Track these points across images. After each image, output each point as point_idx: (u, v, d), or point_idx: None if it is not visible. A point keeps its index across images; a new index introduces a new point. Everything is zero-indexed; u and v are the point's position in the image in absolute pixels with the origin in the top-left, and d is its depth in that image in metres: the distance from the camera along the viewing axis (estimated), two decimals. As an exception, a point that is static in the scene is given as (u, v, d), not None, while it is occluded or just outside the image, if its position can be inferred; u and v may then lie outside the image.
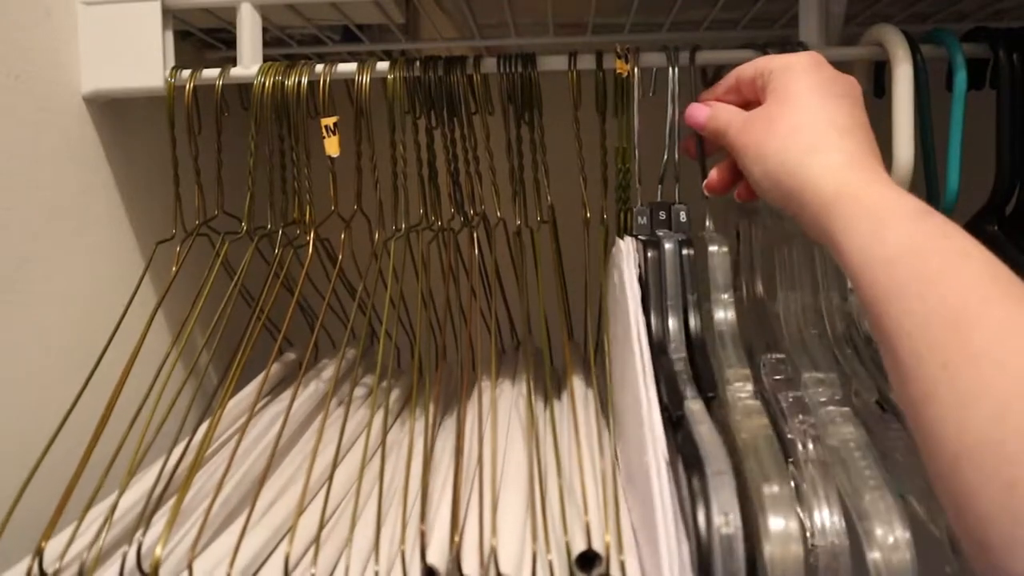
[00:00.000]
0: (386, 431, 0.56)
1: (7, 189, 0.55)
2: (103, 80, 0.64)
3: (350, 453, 0.59)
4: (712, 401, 0.48)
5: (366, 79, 0.63)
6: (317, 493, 0.52)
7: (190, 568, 0.42)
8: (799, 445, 0.45)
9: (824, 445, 0.45)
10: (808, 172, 0.44)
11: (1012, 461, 0.30)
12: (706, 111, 0.55)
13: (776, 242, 0.57)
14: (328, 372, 0.70)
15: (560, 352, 0.64)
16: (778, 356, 0.52)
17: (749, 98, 0.54)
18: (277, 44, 0.79)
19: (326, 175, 0.66)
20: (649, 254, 0.56)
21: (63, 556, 0.44)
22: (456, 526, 0.43)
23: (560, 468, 0.49)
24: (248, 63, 0.65)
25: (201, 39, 0.77)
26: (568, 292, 0.69)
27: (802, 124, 0.47)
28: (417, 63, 0.63)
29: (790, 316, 0.57)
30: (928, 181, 0.59)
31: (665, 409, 0.47)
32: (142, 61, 0.64)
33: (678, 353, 0.53)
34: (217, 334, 0.60)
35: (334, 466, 0.51)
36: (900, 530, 0.40)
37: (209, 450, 0.55)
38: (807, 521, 0.41)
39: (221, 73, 0.65)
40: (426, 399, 0.56)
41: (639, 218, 0.61)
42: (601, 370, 0.60)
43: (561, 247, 0.67)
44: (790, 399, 0.49)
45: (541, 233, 0.67)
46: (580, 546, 0.42)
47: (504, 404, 0.64)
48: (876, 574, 0.39)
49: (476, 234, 0.65)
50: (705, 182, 0.57)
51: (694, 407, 0.47)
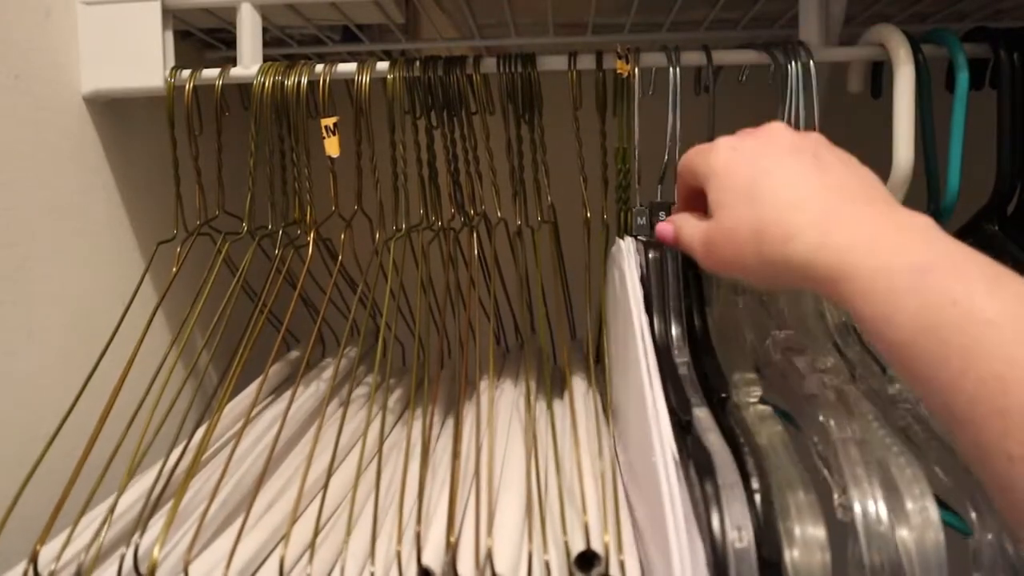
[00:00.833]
0: (385, 432, 0.56)
1: (7, 189, 0.55)
2: (103, 80, 0.64)
3: (349, 455, 0.59)
4: (724, 403, 0.48)
5: (366, 79, 0.63)
6: (315, 495, 0.52)
7: (186, 571, 0.42)
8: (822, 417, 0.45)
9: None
10: (794, 262, 0.40)
11: None
12: (671, 231, 0.51)
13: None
14: (330, 371, 0.70)
15: (561, 351, 0.64)
16: (787, 332, 0.52)
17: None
18: (277, 44, 0.79)
19: (326, 175, 0.66)
20: (651, 255, 0.56)
21: (59, 558, 0.43)
22: (452, 527, 0.43)
23: (559, 468, 0.49)
24: (248, 63, 0.65)
25: (201, 39, 0.77)
26: (569, 291, 0.69)
27: (760, 220, 0.42)
28: (417, 63, 0.63)
29: (791, 307, 0.56)
30: (929, 181, 0.59)
31: (673, 412, 0.46)
32: (142, 61, 0.64)
33: (682, 356, 0.52)
34: (218, 334, 0.60)
35: (331, 468, 0.51)
36: (929, 502, 0.40)
37: (208, 452, 0.55)
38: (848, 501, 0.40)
39: (221, 73, 0.65)
40: (426, 399, 0.56)
41: (638, 218, 0.60)
42: (602, 370, 0.59)
43: (562, 247, 0.67)
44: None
45: (541, 233, 0.67)
46: (579, 546, 0.42)
47: (505, 404, 0.64)
48: (905, 553, 0.39)
49: (477, 234, 0.65)
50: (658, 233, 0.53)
51: (700, 414, 0.46)
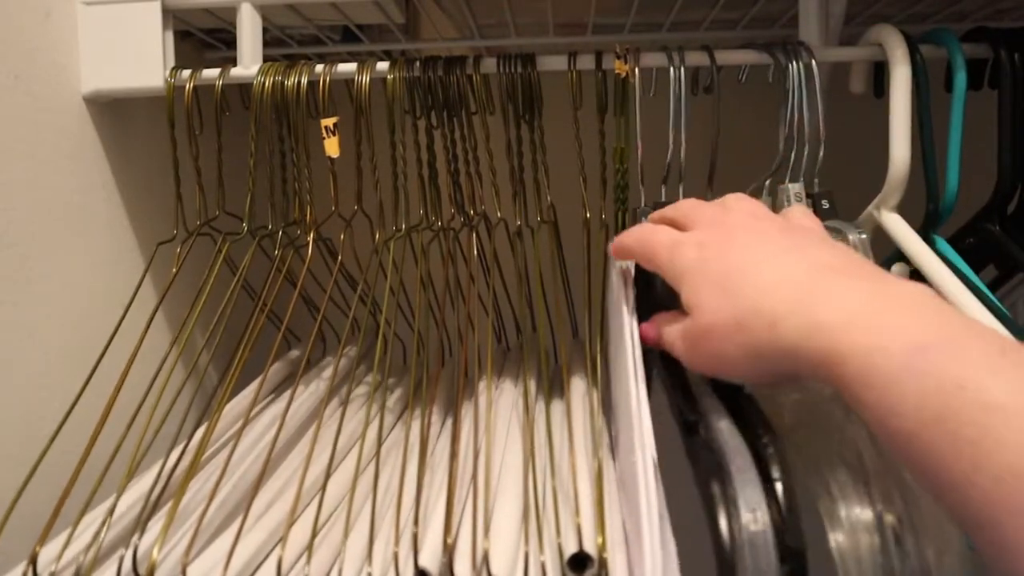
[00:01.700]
0: (382, 432, 0.56)
1: (7, 189, 0.56)
2: (103, 80, 0.64)
3: (347, 455, 0.59)
4: (738, 391, 0.47)
5: (366, 79, 0.63)
6: (313, 497, 0.52)
7: (184, 572, 0.42)
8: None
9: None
10: (783, 349, 0.37)
11: None
12: (653, 332, 0.48)
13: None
14: (330, 371, 0.70)
15: (561, 351, 0.64)
16: None
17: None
18: (277, 44, 0.79)
19: (326, 175, 0.66)
20: None
21: (59, 559, 0.44)
22: (450, 529, 0.43)
23: (555, 469, 0.49)
24: (248, 63, 0.65)
25: (201, 39, 0.78)
26: (570, 291, 0.69)
27: (740, 310, 0.40)
28: (417, 63, 0.63)
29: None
30: (928, 182, 0.59)
31: (679, 412, 0.46)
32: (142, 61, 0.64)
33: None
34: (218, 334, 0.60)
35: (329, 469, 0.51)
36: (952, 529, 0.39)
37: (208, 452, 0.55)
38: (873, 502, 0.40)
39: (221, 73, 0.65)
40: (425, 399, 0.56)
41: (643, 218, 0.60)
42: (601, 369, 0.59)
43: (562, 247, 0.67)
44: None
45: (541, 233, 0.67)
46: (572, 548, 0.42)
47: (505, 404, 0.64)
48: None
49: (476, 234, 0.65)
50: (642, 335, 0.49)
51: (711, 404, 0.46)
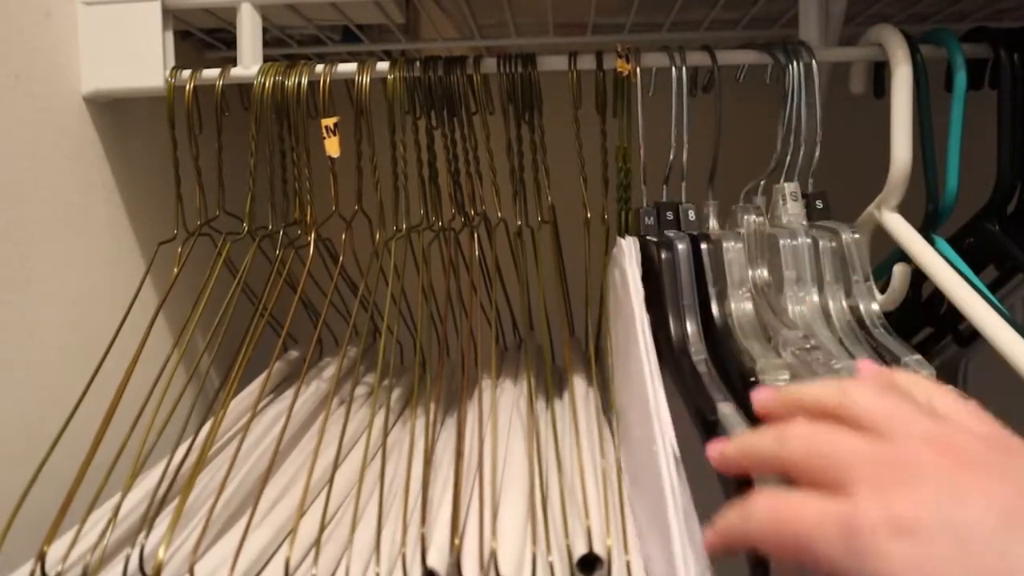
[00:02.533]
0: (387, 431, 0.56)
1: (7, 189, 0.55)
2: (103, 80, 0.64)
3: (351, 453, 0.59)
4: (748, 391, 0.47)
5: (366, 79, 0.63)
6: (318, 494, 0.52)
7: (192, 571, 0.42)
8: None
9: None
10: None
11: None
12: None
13: (780, 236, 0.57)
14: (331, 370, 0.70)
15: (562, 351, 0.64)
16: (796, 332, 0.51)
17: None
18: (277, 44, 0.79)
19: (327, 175, 0.66)
20: (663, 255, 0.55)
21: (66, 558, 0.44)
22: (456, 529, 0.43)
23: (561, 469, 0.49)
24: (248, 63, 0.65)
25: (201, 39, 0.77)
26: (569, 291, 0.69)
27: None
28: (417, 63, 0.63)
29: (796, 308, 0.56)
30: (928, 182, 0.59)
31: (699, 413, 0.46)
32: (142, 61, 0.64)
33: (699, 355, 0.52)
34: (219, 334, 0.60)
35: (335, 467, 0.51)
36: None
37: (212, 450, 0.55)
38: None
39: (221, 73, 0.65)
40: (427, 398, 0.56)
41: (646, 218, 0.60)
42: (602, 370, 0.59)
43: (562, 247, 0.67)
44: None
45: (542, 233, 0.67)
46: (581, 549, 0.42)
47: (505, 403, 0.64)
48: None
49: (477, 234, 0.65)
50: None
51: (726, 410, 0.46)
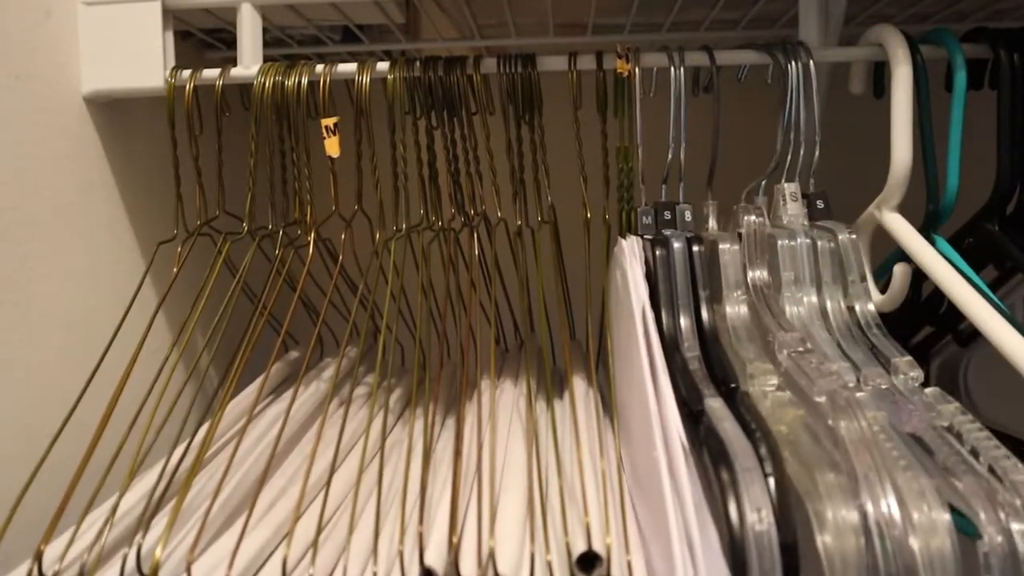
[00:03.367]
0: (386, 432, 0.56)
1: (7, 189, 0.55)
2: (103, 80, 0.64)
3: (350, 455, 0.59)
4: (734, 393, 0.47)
5: (366, 79, 0.63)
6: (316, 495, 0.52)
7: (189, 571, 0.42)
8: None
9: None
10: None
11: None
12: None
13: (776, 237, 0.57)
14: (330, 371, 0.70)
15: (561, 351, 0.64)
16: (793, 333, 0.51)
17: None
18: (277, 44, 0.79)
19: (327, 175, 0.66)
20: (658, 252, 0.56)
21: (63, 558, 0.44)
22: (454, 528, 0.43)
23: (560, 469, 0.49)
24: (248, 63, 0.65)
25: (201, 39, 0.77)
26: (569, 292, 0.69)
27: None
28: (417, 63, 0.63)
29: (794, 310, 0.56)
30: (928, 182, 0.59)
31: (684, 404, 0.46)
32: (142, 61, 0.64)
33: (692, 351, 0.52)
34: (218, 334, 0.60)
35: (333, 467, 0.51)
36: (938, 512, 0.38)
37: (210, 451, 0.55)
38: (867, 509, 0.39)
39: (221, 73, 0.65)
40: (427, 398, 0.56)
41: (644, 218, 0.60)
42: (602, 370, 0.59)
43: (562, 247, 0.67)
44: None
45: (542, 233, 0.67)
46: (580, 547, 0.42)
47: (505, 404, 0.64)
48: (923, 559, 0.37)
49: (477, 234, 0.65)
50: None
51: (714, 404, 0.46)
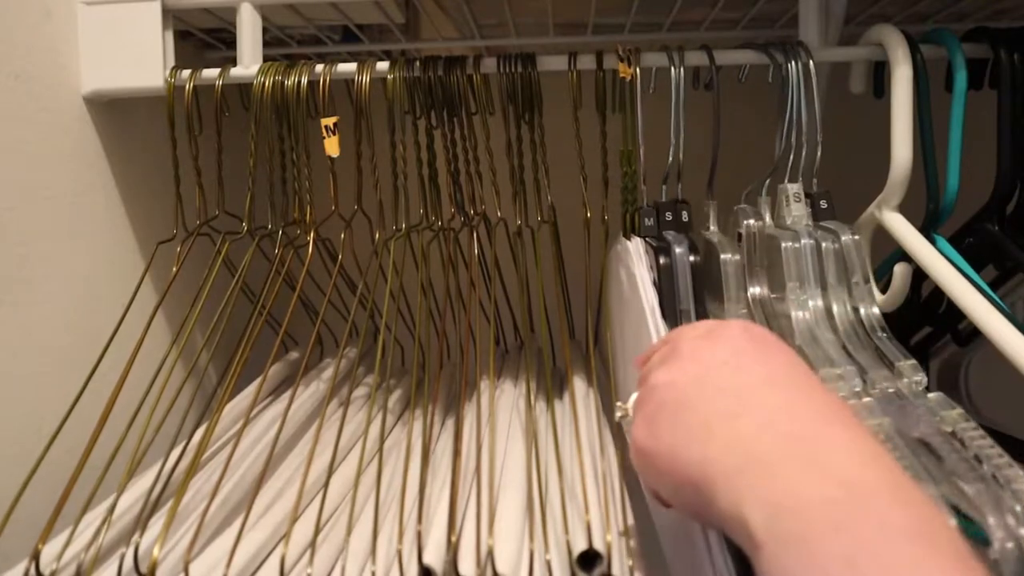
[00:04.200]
0: (384, 432, 0.56)
1: (7, 189, 0.55)
2: (103, 80, 0.64)
3: (349, 454, 0.59)
4: None
5: (366, 79, 0.63)
6: (315, 495, 0.52)
7: (186, 570, 0.42)
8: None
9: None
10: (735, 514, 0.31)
11: None
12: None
13: (779, 240, 0.57)
14: (329, 371, 0.70)
15: (561, 351, 0.64)
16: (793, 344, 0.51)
17: None
18: (277, 44, 0.79)
19: (326, 175, 0.66)
20: (661, 259, 0.55)
21: (60, 557, 0.43)
22: (453, 527, 0.43)
23: (560, 468, 0.49)
24: (248, 63, 0.65)
25: (201, 39, 0.77)
26: (569, 292, 0.69)
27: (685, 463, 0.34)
28: (417, 63, 0.63)
29: (799, 314, 0.56)
30: (928, 181, 0.59)
31: None
32: (142, 61, 0.64)
33: None
34: (217, 333, 0.60)
35: (331, 468, 0.51)
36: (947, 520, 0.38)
37: (208, 451, 0.55)
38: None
39: (221, 73, 0.65)
40: (426, 399, 0.56)
41: (646, 219, 0.60)
42: (602, 369, 0.59)
43: (562, 247, 0.67)
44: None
45: (541, 233, 0.67)
46: (581, 545, 0.42)
47: (505, 404, 0.64)
48: None
49: (476, 233, 0.65)
50: None
51: None
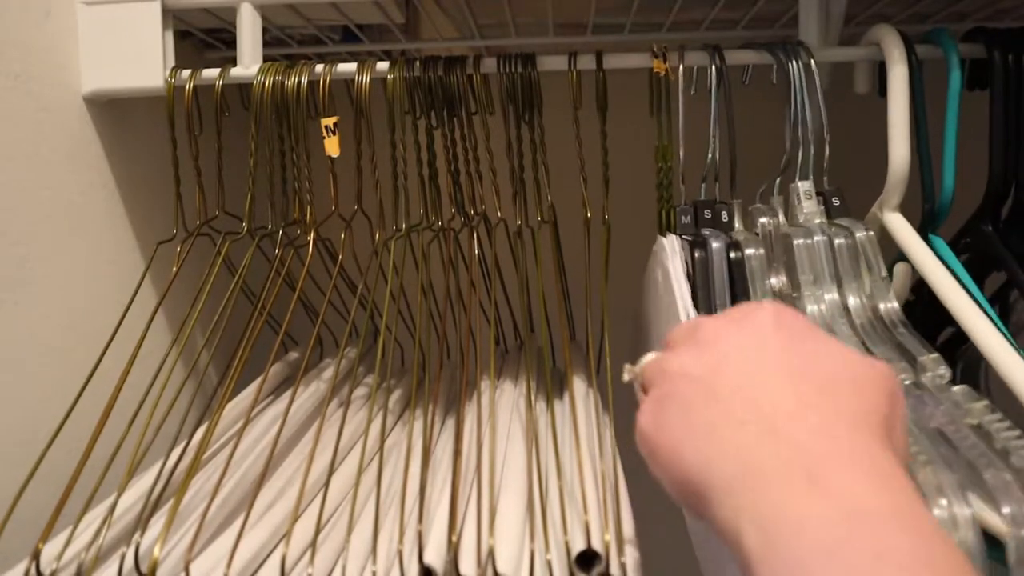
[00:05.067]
0: (384, 432, 0.56)
1: (7, 189, 0.55)
2: (103, 80, 0.64)
3: (350, 454, 0.59)
4: None
5: (366, 79, 0.63)
6: (316, 495, 0.52)
7: (187, 570, 0.42)
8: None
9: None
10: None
11: None
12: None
13: (795, 236, 0.57)
14: (329, 372, 0.70)
15: (561, 351, 0.64)
16: None
17: None
18: (277, 44, 0.79)
19: (326, 175, 0.66)
20: (696, 254, 0.55)
21: (60, 557, 0.44)
22: (454, 527, 0.43)
23: (560, 468, 0.49)
24: (248, 63, 0.65)
25: (201, 39, 0.77)
26: (569, 292, 0.69)
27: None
28: (417, 63, 0.63)
29: (814, 308, 0.56)
30: (923, 180, 0.59)
31: None
32: (142, 61, 0.64)
33: None
34: (218, 333, 0.60)
35: (331, 468, 0.51)
36: (960, 507, 0.38)
37: (209, 451, 0.55)
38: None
39: (221, 73, 0.65)
40: (426, 399, 0.56)
41: (683, 217, 0.60)
42: (603, 371, 0.59)
43: (562, 247, 0.67)
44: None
45: (542, 232, 0.67)
46: (579, 545, 0.42)
47: (505, 404, 0.64)
48: None
49: (476, 233, 0.65)
50: None
51: None
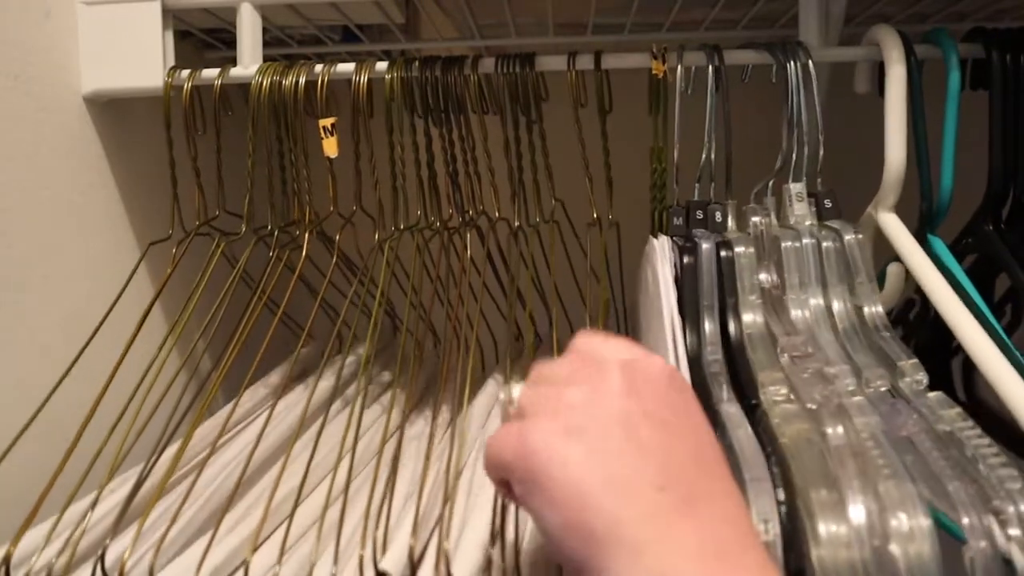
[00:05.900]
0: (357, 439, 0.56)
1: (7, 189, 0.56)
2: (103, 80, 0.65)
3: (323, 461, 0.58)
4: (755, 409, 0.47)
5: (365, 79, 0.63)
6: (295, 501, 0.52)
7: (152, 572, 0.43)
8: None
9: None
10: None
11: None
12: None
13: (783, 238, 0.57)
14: (328, 375, 0.70)
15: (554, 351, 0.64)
16: (795, 338, 0.51)
17: None
18: (277, 44, 0.79)
19: (326, 175, 0.66)
20: (685, 257, 0.55)
21: (33, 560, 0.44)
22: (416, 533, 0.43)
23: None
24: (248, 63, 0.65)
25: (201, 39, 0.78)
26: (569, 292, 0.69)
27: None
28: (416, 63, 0.63)
29: (798, 313, 0.56)
30: (922, 181, 0.59)
31: (705, 407, 0.46)
32: (142, 61, 0.65)
33: (714, 355, 0.52)
34: (211, 331, 0.60)
35: (304, 478, 0.51)
36: (919, 518, 0.38)
37: (176, 475, 0.54)
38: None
39: (220, 73, 0.65)
40: (405, 402, 0.56)
41: (675, 218, 0.60)
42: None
43: (560, 247, 0.67)
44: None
45: (541, 232, 0.67)
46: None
47: (482, 405, 0.64)
48: (905, 565, 0.37)
49: (475, 234, 0.65)
50: None
51: (730, 410, 0.46)
